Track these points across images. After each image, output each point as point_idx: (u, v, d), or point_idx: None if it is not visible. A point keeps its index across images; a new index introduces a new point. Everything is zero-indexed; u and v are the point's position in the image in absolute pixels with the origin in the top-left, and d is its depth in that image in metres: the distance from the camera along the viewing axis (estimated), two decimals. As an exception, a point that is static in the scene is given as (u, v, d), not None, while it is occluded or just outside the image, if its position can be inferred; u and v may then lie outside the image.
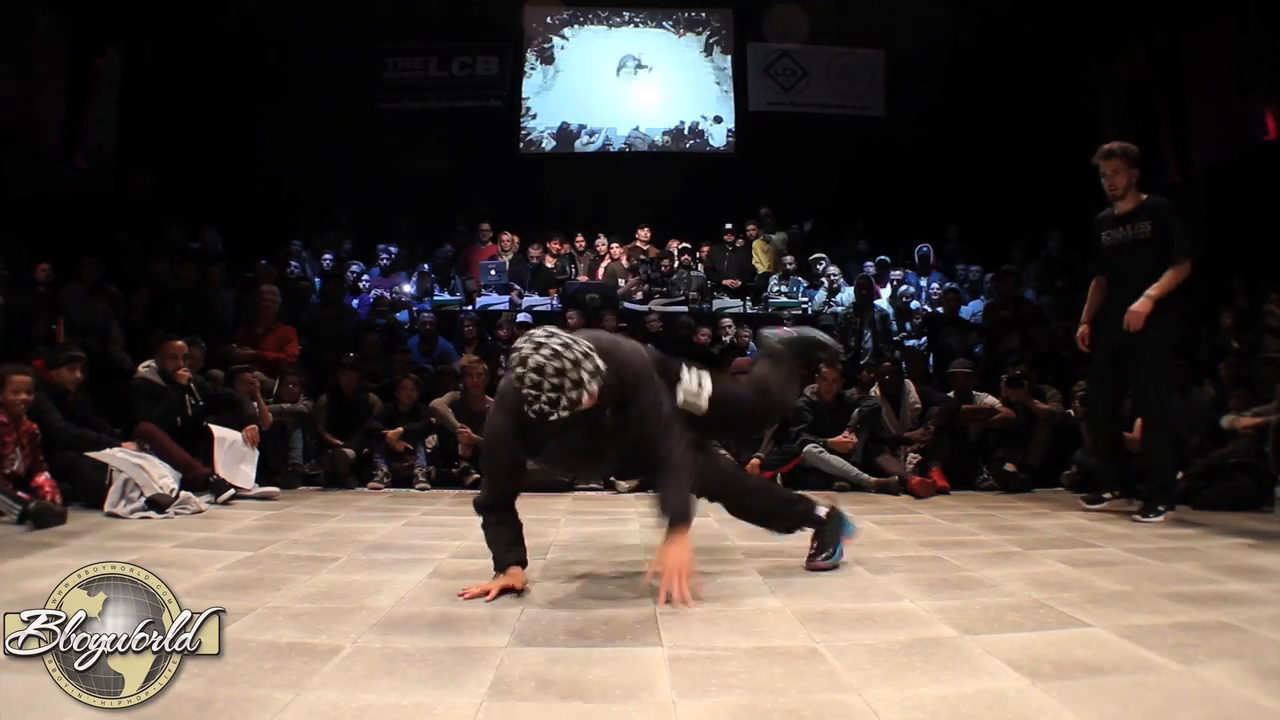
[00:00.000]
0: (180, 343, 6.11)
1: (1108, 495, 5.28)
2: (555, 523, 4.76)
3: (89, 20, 10.57)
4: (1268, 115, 9.44)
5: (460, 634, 2.39)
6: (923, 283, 10.72)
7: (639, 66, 14.20)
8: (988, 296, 9.89)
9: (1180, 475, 5.48)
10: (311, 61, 12.36)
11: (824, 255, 10.97)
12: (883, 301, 10.01)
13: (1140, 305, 4.83)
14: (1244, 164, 9.68)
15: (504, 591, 2.87)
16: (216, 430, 5.89)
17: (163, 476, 5.02)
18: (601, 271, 11.20)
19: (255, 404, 6.38)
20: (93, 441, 5.30)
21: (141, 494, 4.83)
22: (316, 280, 10.15)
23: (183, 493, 5.05)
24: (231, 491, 5.55)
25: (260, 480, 6.03)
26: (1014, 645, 2.27)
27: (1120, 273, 5.14)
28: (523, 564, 2.98)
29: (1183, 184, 10.53)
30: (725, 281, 10.97)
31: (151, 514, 4.75)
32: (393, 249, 11.01)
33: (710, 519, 4.87)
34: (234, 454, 5.90)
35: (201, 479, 5.50)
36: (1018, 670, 2.06)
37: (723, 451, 5.91)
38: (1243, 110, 9.86)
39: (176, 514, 4.83)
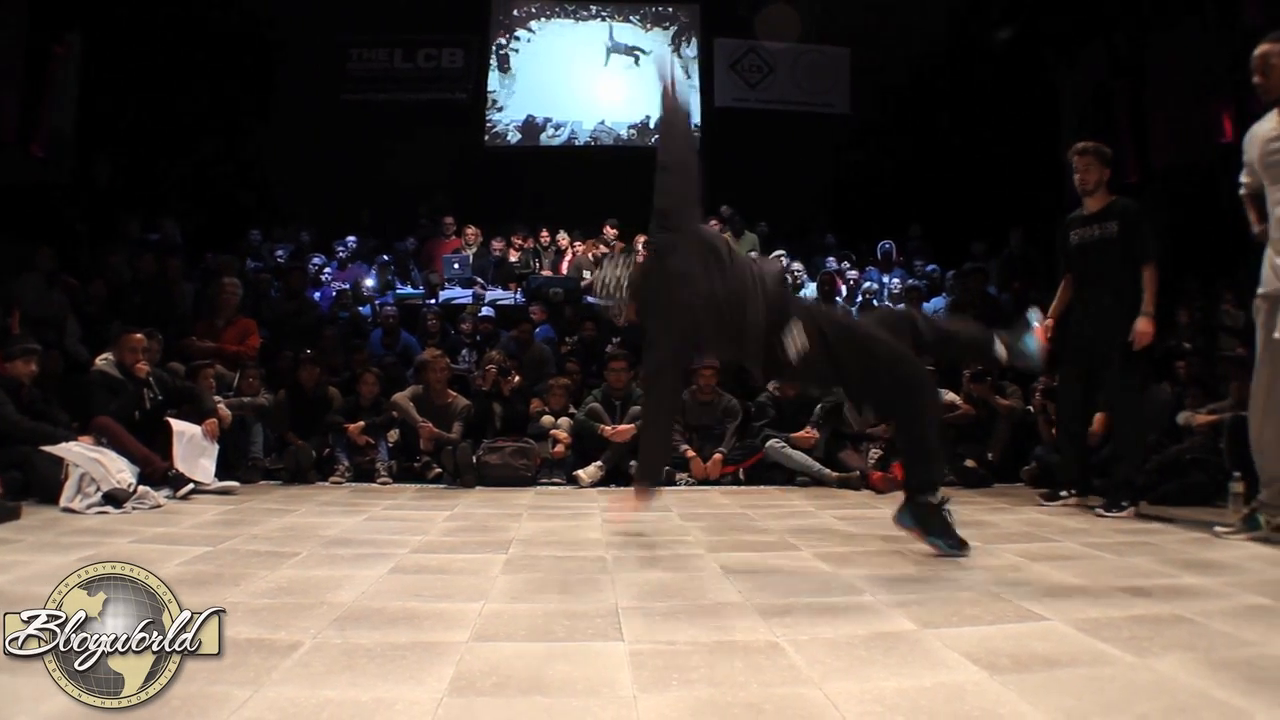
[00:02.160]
0: (139, 335, 6.04)
1: (1065, 494, 5.35)
2: (517, 517, 4.74)
3: (46, 6, 10.36)
4: (1225, 118, 9.61)
5: (421, 629, 2.37)
6: (885, 279, 10.77)
7: (629, 51, 14.20)
8: (949, 294, 9.97)
9: (1139, 471, 5.57)
10: (274, 52, 12.24)
11: (784, 251, 10.99)
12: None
13: (1143, 325, 4.87)
14: (1202, 166, 9.83)
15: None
16: (175, 424, 5.82)
17: (120, 471, 4.95)
18: (565, 266, 11.16)
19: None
20: (48, 435, 5.23)
21: (98, 489, 4.75)
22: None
23: (140, 487, 4.98)
24: (190, 486, 5.48)
25: (220, 475, 5.96)
26: (972, 639, 2.28)
27: (1086, 272, 5.21)
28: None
29: (1142, 184, 10.68)
30: (688, 276, 10.88)
31: (108, 509, 4.67)
32: (350, 240, 10.92)
33: (673, 514, 4.88)
34: (193, 448, 5.83)
35: (160, 473, 5.44)
36: (976, 663, 2.08)
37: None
38: (1202, 113, 10.03)
39: (134, 509, 4.75)
